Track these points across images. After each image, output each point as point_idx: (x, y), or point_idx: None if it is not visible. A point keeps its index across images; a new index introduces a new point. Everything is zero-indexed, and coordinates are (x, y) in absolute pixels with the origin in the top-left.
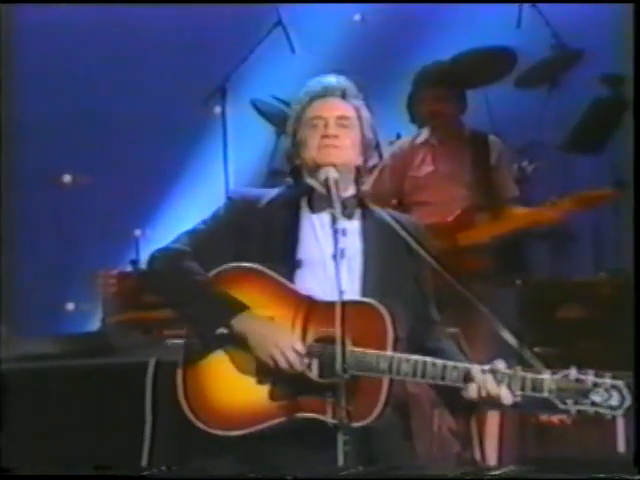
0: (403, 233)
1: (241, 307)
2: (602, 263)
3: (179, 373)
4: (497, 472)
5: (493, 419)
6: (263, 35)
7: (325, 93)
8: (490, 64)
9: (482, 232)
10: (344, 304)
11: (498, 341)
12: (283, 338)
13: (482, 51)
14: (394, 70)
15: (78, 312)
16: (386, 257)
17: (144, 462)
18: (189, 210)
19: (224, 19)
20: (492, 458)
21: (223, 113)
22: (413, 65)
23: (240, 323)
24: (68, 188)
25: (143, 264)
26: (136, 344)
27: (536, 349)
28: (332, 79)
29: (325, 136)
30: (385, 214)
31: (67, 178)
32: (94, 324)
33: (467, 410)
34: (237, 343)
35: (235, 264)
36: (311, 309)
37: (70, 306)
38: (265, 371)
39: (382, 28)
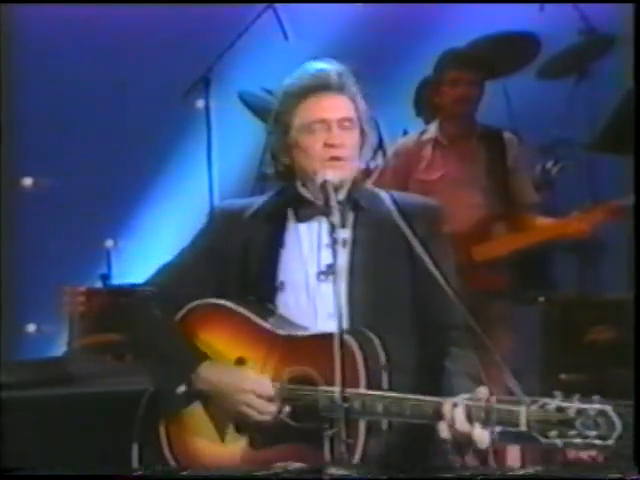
0: (410, 235)
1: (200, 358)
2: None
3: (162, 424)
4: (520, 472)
5: (514, 453)
6: (252, 18)
7: (319, 86)
8: (509, 52)
9: (500, 246)
10: (311, 337)
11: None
12: (248, 385)
13: (500, 37)
14: (399, 60)
15: (40, 334)
16: (381, 268)
17: None
18: (167, 218)
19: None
20: None
21: (207, 107)
22: (423, 54)
23: (199, 379)
24: (28, 192)
25: (115, 279)
26: (106, 371)
27: (562, 376)
28: (324, 67)
29: (330, 145)
30: (391, 205)
31: (27, 181)
32: (59, 348)
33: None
34: (202, 398)
35: (202, 301)
36: (283, 346)
37: (31, 328)
38: (241, 420)
39: (387, 11)
